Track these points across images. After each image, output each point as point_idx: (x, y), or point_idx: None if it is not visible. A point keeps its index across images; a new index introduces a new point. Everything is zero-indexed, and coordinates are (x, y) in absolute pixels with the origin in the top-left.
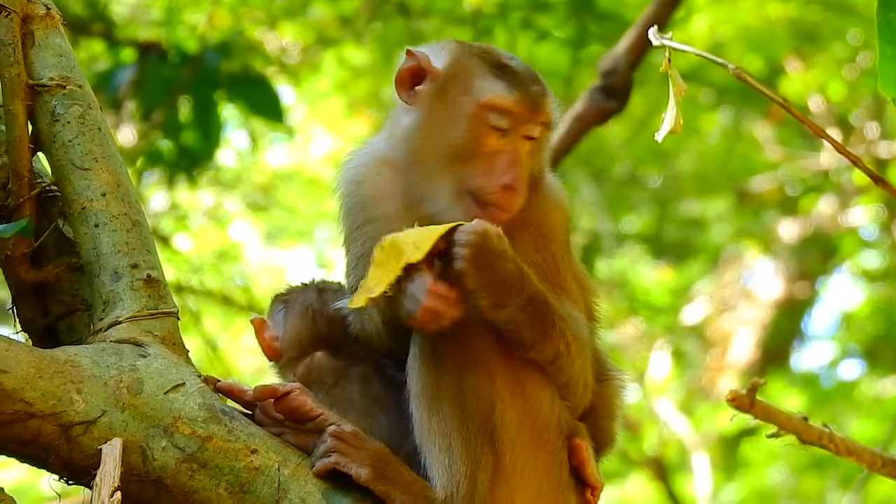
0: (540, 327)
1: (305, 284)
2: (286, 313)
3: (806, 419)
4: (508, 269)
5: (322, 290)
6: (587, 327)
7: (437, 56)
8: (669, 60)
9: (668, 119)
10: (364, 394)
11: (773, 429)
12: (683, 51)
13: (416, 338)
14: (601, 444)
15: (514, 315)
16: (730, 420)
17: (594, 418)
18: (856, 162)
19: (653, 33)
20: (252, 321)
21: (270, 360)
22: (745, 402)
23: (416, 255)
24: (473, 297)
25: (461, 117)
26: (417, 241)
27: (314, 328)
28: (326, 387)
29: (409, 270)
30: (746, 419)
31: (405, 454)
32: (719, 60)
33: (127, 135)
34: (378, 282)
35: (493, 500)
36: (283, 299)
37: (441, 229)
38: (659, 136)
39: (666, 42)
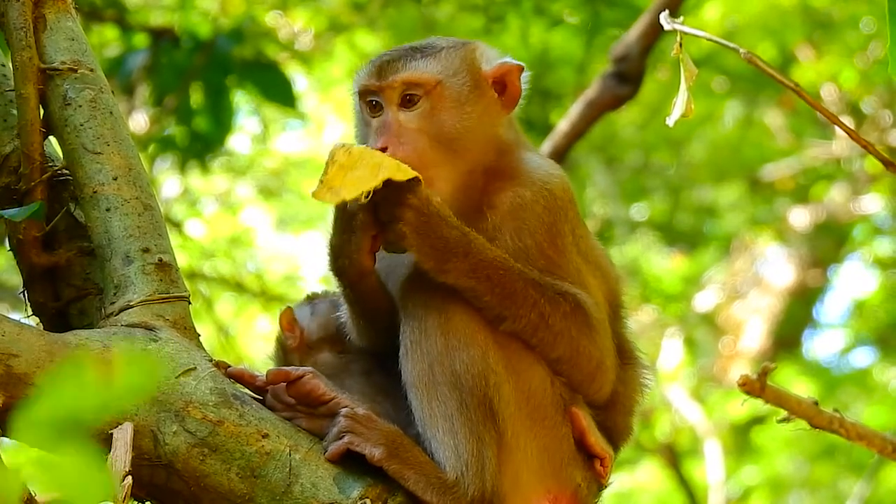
0: (500, 294)
1: (327, 292)
2: (313, 311)
3: (816, 403)
4: (450, 235)
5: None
6: (595, 308)
7: None
8: (681, 45)
9: (680, 103)
10: (366, 385)
11: (783, 414)
12: (695, 35)
13: (405, 329)
14: (617, 438)
15: (460, 281)
16: (741, 404)
17: (612, 412)
18: (867, 147)
19: (664, 18)
20: (283, 310)
21: (290, 348)
22: (755, 386)
23: (398, 176)
24: (416, 259)
25: (357, 118)
26: (400, 167)
27: (335, 329)
28: (331, 379)
29: (392, 187)
30: (758, 405)
31: (412, 438)
32: (731, 45)
33: (139, 120)
34: (349, 185)
35: (500, 477)
36: (311, 300)
37: (409, 171)
38: (670, 121)
39: (677, 26)
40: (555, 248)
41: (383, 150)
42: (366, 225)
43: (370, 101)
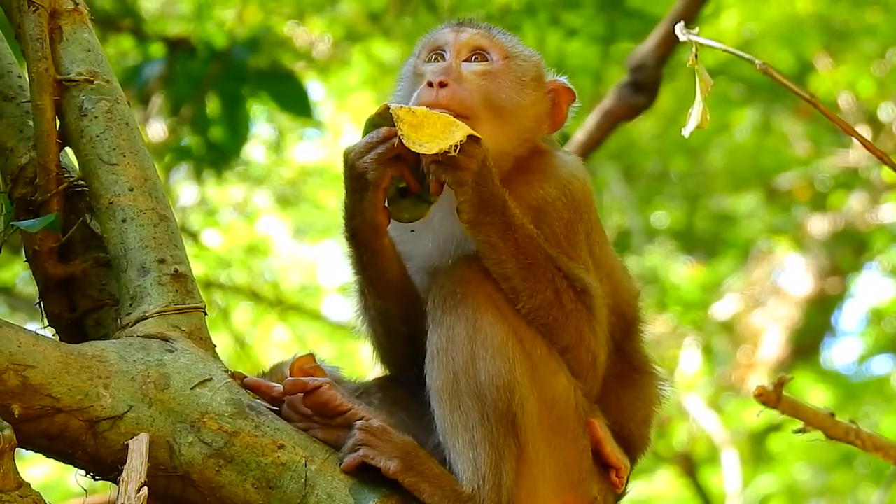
0: (523, 262)
1: None
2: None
3: (833, 415)
4: (496, 190)
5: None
6: (601, 297)
7: None
8: (696, 56)
9: (695, 114)
10: (384, 399)
11: (799, 424)
12: (710, 46)
13: (432, 335)
14: (634, 449)
15: (492, 237)
16: (757, 415)
17: (629, 422)
18: (882, 157)
19: (680, 29)
20: (308, 354)
21: None
22: (772, 397)
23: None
24: (459, 209)
25: (407, 80)
26: (460, 125)
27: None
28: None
29: (472, 139)
30: (774, 414)
31: (429, 451)
32: (746, 56)
33: (156, 129)
34: (426, 139)
35: (517, 490)
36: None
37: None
38: (686, 132)
39: (693, 38)
40: (569, 241)
41: (442, 85)
42: (378, 179)
43: (434, 55)
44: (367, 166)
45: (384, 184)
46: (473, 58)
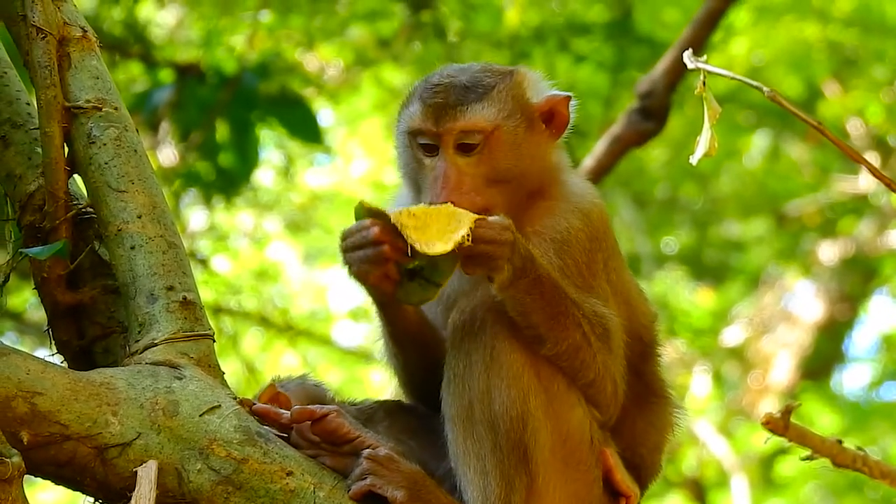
0: (551, 312)
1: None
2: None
3: (840, 442)
4: (525, 254)
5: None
6: (619, 332)
7: None
8: (704, 84)
9: (703, 142)
10: (391, 426)
11: (807, 451)
12: (719, 74)
13: (450, 360)
14: (645, 475)
15: (519, 295)
16: (764, 442)
17: (641, 447)
18: (890, 185)
19: (688, 56)
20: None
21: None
22: (779, 425)
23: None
24: (491, 280)
25: (404, 149)
26: (468, 214)
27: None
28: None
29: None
30: (783, 439)
31: (438, 478)
32: (754, 83)
33: (166, 155)
34: (436, 238)
35: None
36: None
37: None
38: (694, 159)
39: (701, 65)
40: (590, 271)
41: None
42: (362, 277)
43: (422, 142)
44: (351, 261)
45: (368, 283)
46: (464, 144)
